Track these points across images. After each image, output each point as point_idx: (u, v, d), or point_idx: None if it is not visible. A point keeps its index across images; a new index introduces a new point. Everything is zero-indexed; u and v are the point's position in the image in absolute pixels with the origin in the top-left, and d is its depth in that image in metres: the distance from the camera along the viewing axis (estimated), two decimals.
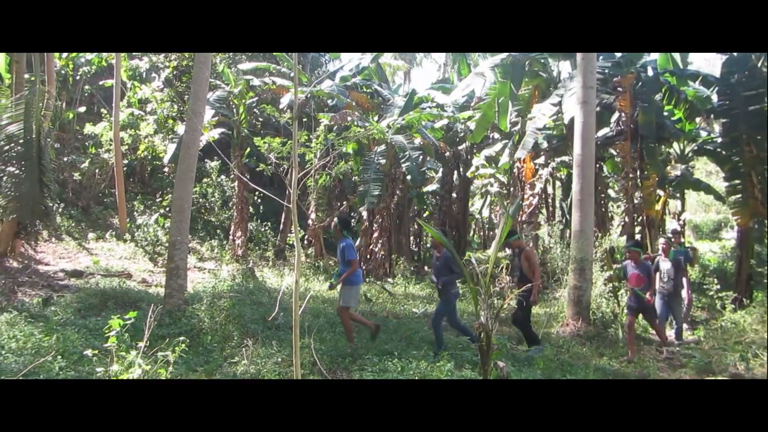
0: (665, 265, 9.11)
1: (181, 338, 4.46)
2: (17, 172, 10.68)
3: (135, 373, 3.90)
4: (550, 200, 19.37)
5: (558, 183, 20.45)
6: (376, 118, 16.72)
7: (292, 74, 17.02)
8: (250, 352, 6.11)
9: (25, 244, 12.78)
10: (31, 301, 9.41)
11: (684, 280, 9.55)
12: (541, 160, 15.39)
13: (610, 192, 18.33)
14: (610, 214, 17.41)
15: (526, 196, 14.73)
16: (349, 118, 15.17)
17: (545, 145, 15.45)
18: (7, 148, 10.67)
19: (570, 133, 11.66)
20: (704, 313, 11.21)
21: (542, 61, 14.71)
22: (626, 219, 13.30)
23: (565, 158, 15.53)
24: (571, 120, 11.22)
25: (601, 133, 13.99)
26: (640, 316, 8.63)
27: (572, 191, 10.38)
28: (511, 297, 7.24)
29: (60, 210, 15.38)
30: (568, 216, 17.19)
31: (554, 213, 19.32)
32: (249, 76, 16.57)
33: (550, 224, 15.63)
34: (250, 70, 17.21)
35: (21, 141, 10.65)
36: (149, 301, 9.23)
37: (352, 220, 20.48)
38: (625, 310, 8.74)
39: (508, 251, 15.69)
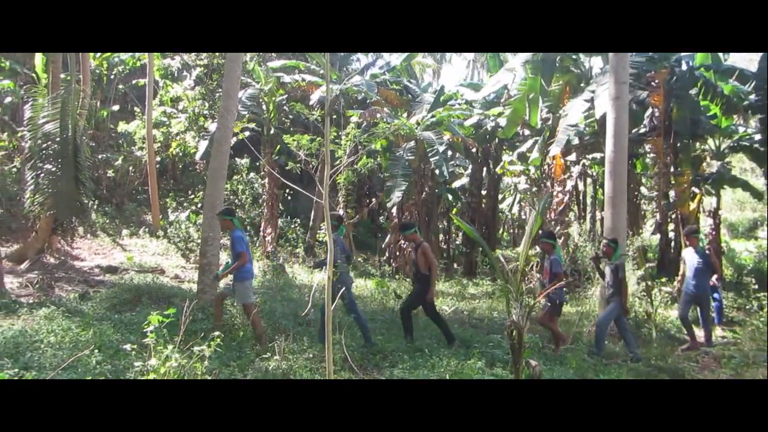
0: (607, 269, 8.33)
1: (216, 333, 4.51)
2: (54, 169, 10.92)
3: (171, 368, 3.96)
4: (580, 198, 19.11)
5: (589, 180, 20.17)
6: (405, 115, 16.70)
7: (321, 71, 17.09)
8: (282, 347, 6.16)
9: (61, 240, 13.09)
10: (68, 296, 9.64)
11: (714, 280, 9.22)
12: (572, 156, 15.19)
13: (643, 190, 18.01)
14: (642, 212, 17.12)
15: (556, 194, 14.56)
16: (378, 115, 15.18)
17: (576, 141, 15.24)
18: (44, 146, 10.93)
19: (602, 130, 11.50)
20: (741, 314, 10.95)
21: (573, 56, 14.52)
22: (660, 217, 13.06)
23: (597, 155, 15.30)
24: (603, 116, 11.05)
25: (634, 129, 13.75)
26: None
27: (604, 189, 10.23)
28: (541, 295, 7.15)
29: (95, 207, 15.72)
30: (599, 214, 16.95)
31: (585, 211, 19.06)
32: (279, 74, 16.68)
33: (580, 222, 15.43)
34: (279, 67, 17.33)
35: (57, 139, 10.90)
36: (182, 296, 9.37)
37: (381, 217, 20.55)
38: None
39: (538, 249, 15.57)
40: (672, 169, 13.20)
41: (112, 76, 20.37)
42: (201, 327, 6.97)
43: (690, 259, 8.74)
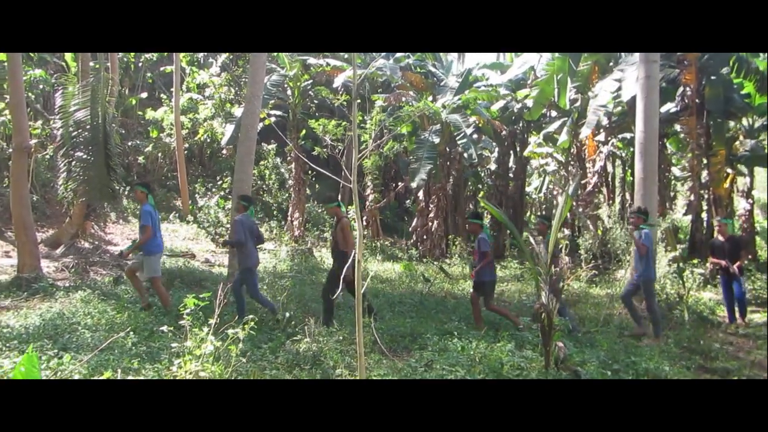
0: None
1: (250, 316, 4.59)
2: (85, 156, 11.13)
3: (207, 350, 4.05)
4: (609, 179, 18.85)
5: (618, 161, 19.86)
6: (430, 98, 16.60)
7: (346, 56, 17.05)
8: (312, 330, 6.24)
9: (94, 225, 13.36)
10: (103, 279, 9.88)
11: (734, 267, 8.62)
12: (601, 137, 14.96)
13: (674, 170, 17.68)
14: (673, 193, 16.83)
15: (585, 175, 14.39)
16: (403, 99, 15.12)
17: (605, 121, 15.00)
18: (75, 133, 11.13)
19: (632, 110, 11.29)
20: None
21: None
22: (692, 198, 12.82)
23: (627, 135, 15.05)
24: (633, 96, 10.85)
25: (665, 108, 13.46)
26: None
27: (635, 169, 10.07)
28: (570, 279, 7.11)
29: (126, 193, 15.99)
30: (629, 195, 16.71)
31: (614, 192, 18.80)
32: (304, 56, 16.68)
33: (609, 204, 15.24)
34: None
35: (88, 127, 11.09)
36: (213, 280, 9.53)
37: (408, 201, 20.54)
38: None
39: (567, 231, 15.43)
40: (705, 149, 12.92)
41: (139, 64, 20.61)
42: (232, 310, 7.09)
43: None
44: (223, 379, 4.18)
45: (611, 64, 14.07)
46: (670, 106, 13.77)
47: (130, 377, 4.20)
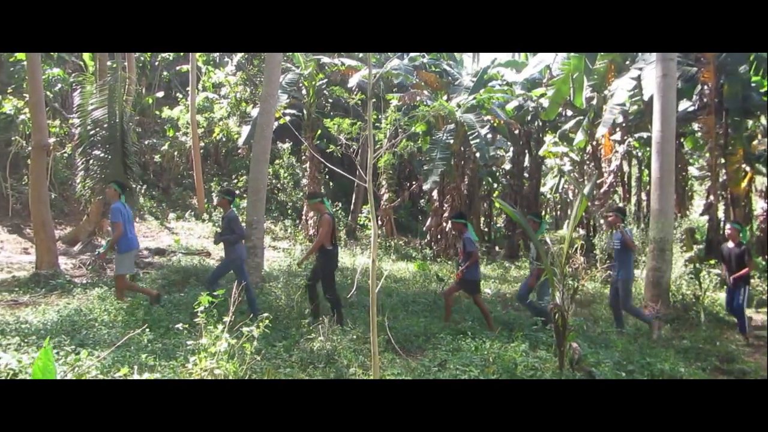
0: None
1: (265, 314, 4.61)
2: (103, 155, 11.24)
3: (222, 347, 4.08)
4: (625, 179, 18.68)
5: (634, 161, 19.69)
6: (444, 98, 16.57)
7: (360, 55, 17.07)
8: (327, 329, 6.25)
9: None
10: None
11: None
12: (617, 136, 14.84)
13: (692, 170, 17.48)
14: (690, 193, 16.65)
15: (601, 174, 14.28)
16: (418, 98, 15.11)
17: (620, 119, 14.87)
18: (93, 132, 11.26)
19: (649, 108, 11.18)
20: None
21: None
22: (710, 197, 12.67)
23: (643, 134, 14.91)
24: (650, 94, 10.74)
25: (683, 107, 13.33)
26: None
27: (651, 169, 9.97)
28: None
29: (142, 191, 16.14)
30: (645, 195, 16.56)
31: (630, 192, 18.64)
32: (319, 56, 16.72)
33: (625, 204, 15.11)
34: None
35: (106, 125, 11.20)
36: (228, 278, 9.58)
37: (422, 200, 20.52)
38: None
39: (582, 231, 15.33)
40: (722, 148, 12.76)
41: (156, 63, 20.79)
42: (247, 308, 7.13)
43: (612, 240, 8.26)
44: (238, 378, 4.21)
45: (628, 62, 13.95)
46: (687, 105, 13.64)
47: (146, 374, 4.24)
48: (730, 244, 8.37)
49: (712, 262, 11.16)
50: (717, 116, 12.53)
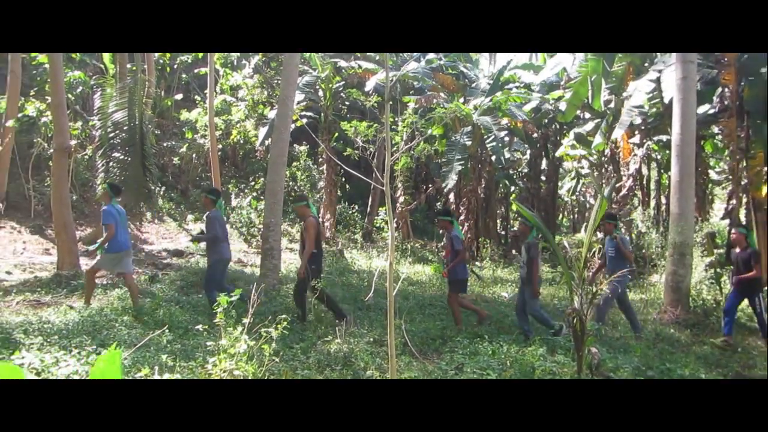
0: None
1: (283, 316, 4.64)
2: (123, 157, 11.40)
3: (241, 348, 4.11)
4: (644, 182, 18.51)
5: (653, 164, 19.49)
6: (461, 100, 16.55)
7: (377, 57, 17.10)
8: (343, 331, 6.28)
9: (131, 224, 13.66)
10: (139, 278, 10.07)
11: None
12: (636, 139, 14.71)
13: (712, 173, 17.27)
14: (711, 197, 16.45)
15: (619, 178, 14.16)
16: (434, 100, 15.10)
17: (639, 121, 14.73)
18: (113, 134, 11.41)
19: (668, 111, 11.08)
20: None
21: None
22: (732, 201, 12.50)
23: (663, 137, 14.76)
24: (670, 97, 10.64)
25: (703, 110, 13.17)
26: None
27: (671, 173, 9.88)
28: (604, 283, 6.98)
29: (161, 193, 16.29)
30: (665, 198, 16.40)
31: (649, 195, 18.46)
32: (336, 59, 16.79)
33: (644, 207, 14.97)
34: (335, 53, 17.44)
35: (125, 128, 11.36)
36: (245, 280, 9.65)
37: (438, 203, 20.46)
38: None
39: (600, 235, 15.21)
40: (744, 151, 12.58)
41: (174, 66, 20.98)
42: (264, 310, 7.17)
43: (606, 247, 8.12)
44: (258, 379, 4.24)
45: (646, 64, 13.82)
46: (706, 108, 13.46)
47: (166, 374, 4.28)
48: (737, 250, 8.16)
49: (733, 267, 11.02)
50: (738, 119, 12.34)
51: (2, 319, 6.53)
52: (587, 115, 16.60)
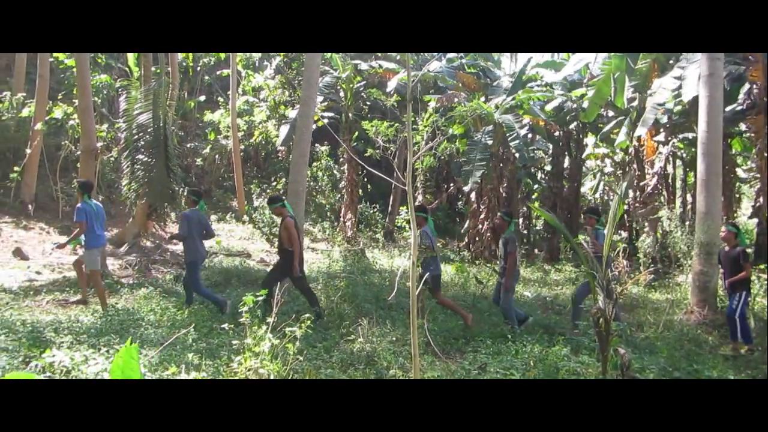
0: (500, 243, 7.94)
1: (307, 315, 4.67)
2: (147, 159, 11.55)
3: (265, 347, 4.15)
4: (669, 181, 18.23)
5: (679, 162, 19.20)
6: (482, 99, 16.48)
7: (398, 57, 17.11)
8: (366, 330, 6.30)
9: (155, 225, 13.85)
10: (164, 277, 10.23)
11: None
12: (661, 137, 14.49)
13: (739, 171, 16.94)
14: (738, 195, 16.15)
15: (643, 176, 13.97)
16: (456, 100, 15.06)
17: (665, 120, 14.52)
18: (137, 136, 11.57)
19: (694, 108, 10.91)
20: None
21: None
22: (760, 199, 12.26)
23: (688, 135, 14.53)
24: (695, 95, 10.47)
25: (730, 107, 12.93)
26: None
27: (696, 171, 9.72)
28: (629, 283, 6.93)
29: (184, 194, 16.46)
30: (690, 198, 16.15)
31: (674, 194, 18.19)
32: (356, 61, 16.84)
33: (670, 206, 14.75)
34: (356, 54, 17.48)
35: (150, 130, 11.51)
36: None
37: (459, 202, 20.42)
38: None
39: (624, 234, 15.05)
40: None
41: (197, 68, 21.21)
42: (287, 309, 7.23)
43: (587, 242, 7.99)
44: (283, 378, 4.28)
45: (671, 61, 13.62)
46: (733, 105, 13.22)
47: (192, 373, 4.34)
48: (726, 248, 7.93)
49: (762, 266, 10.81)
50: (766, 116, 12.11)
51: (33, 318, 6.67)
52: (610, 113, 16.41)
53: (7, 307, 7.34)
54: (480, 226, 15.65)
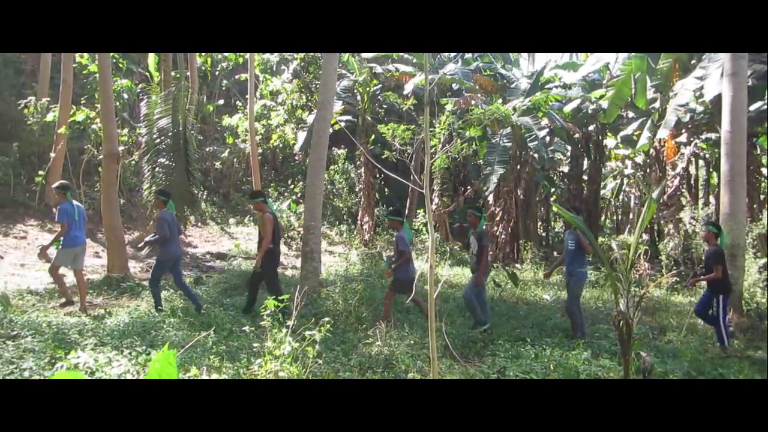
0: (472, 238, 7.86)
1: (326, 319, 4.68)
2: (167, 162, 11.67)
3: (285, 350, 4.16)
4: (692, 182, 17.99)
5: (701, 162, 18.94)
6: (500, 101, 16.41)
7: (414, 60, 17.09)
8: (384, 333, 6.29)
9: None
10: (184, 280, 10.29)
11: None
12: (683, 137, 14.31)
13: (765, 171, 16.66)
14: (763, 196, 15.88)
15: (667, 178, 13.79)
16: (473, 102, 15.00)
17: (687, 119, 14.31)
18: (158, 140, 11.70)
19: (716, 108, 10.75)
20: None
21: None
22: None
23: (711, 135, 14.32)
24: (717, 94, 10.32)
25: (754, 106, 12.73)
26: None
27: (720, 171, 9.57)
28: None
29: (204, 197, 16.62)
30: (714, 198, 15.90)
31: (698, 195, 17.94)
32: (372, 64, 16.85)
33: (693, 207, 14.54)
34: (372, 57, 17.50)
35: (170, 134, 11.64)
36: (286, 283, 9.77)
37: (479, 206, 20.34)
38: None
39: (646, 237, 14.86)
40: None
41: (216, 73, 21.41)
42: (306, 312, 7.24)
43: (566, 240, 7.71)
44: (303, 379, 4.28)
45: (693, 61, 13.44)
46: (757, 104, 13.01)
47: (214, 374, 4.36)
48: (706, 247, 7.76)
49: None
50: None
51: (58, 320, 6.76)
52: (630, 114, 16.24)
53: (33, 309, 7.45)
54: (496, 229, 15.56)
